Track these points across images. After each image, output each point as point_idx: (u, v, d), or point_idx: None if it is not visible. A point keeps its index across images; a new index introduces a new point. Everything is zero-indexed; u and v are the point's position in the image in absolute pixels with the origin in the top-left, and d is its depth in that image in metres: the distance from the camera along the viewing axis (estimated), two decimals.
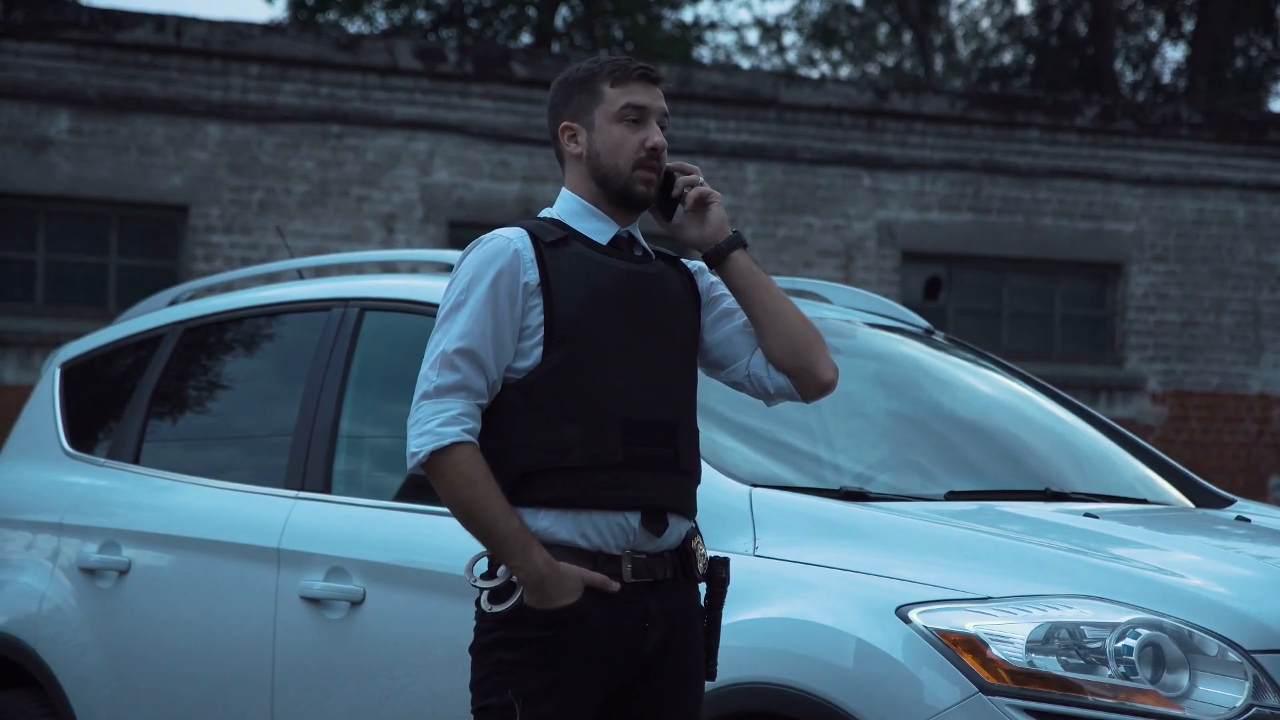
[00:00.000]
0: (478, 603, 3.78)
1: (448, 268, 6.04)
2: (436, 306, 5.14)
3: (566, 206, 3.91)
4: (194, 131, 14.62)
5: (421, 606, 4.94)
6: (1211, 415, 17.52)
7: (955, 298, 16.91)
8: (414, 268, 10.71)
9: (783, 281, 6.14)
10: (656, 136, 3.86)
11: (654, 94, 3.89)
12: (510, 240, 3.79)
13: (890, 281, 16.30)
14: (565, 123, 3.90)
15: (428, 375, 3.75)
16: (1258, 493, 16.97)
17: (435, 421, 3.69)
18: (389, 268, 10.83)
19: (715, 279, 3.99)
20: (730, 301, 3.98)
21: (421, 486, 5.16)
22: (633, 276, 3.86)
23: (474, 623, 3.81)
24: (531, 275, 3.76)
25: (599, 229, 3.88)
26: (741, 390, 4.01)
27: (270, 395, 5.85)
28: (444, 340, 3.75)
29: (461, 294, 3.77)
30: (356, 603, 5.07)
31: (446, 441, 3.67)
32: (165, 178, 14.55)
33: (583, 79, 3.90)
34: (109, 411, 6.23)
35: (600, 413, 3.74)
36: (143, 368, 6.13)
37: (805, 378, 3.92)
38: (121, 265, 14.64)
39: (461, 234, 15.12)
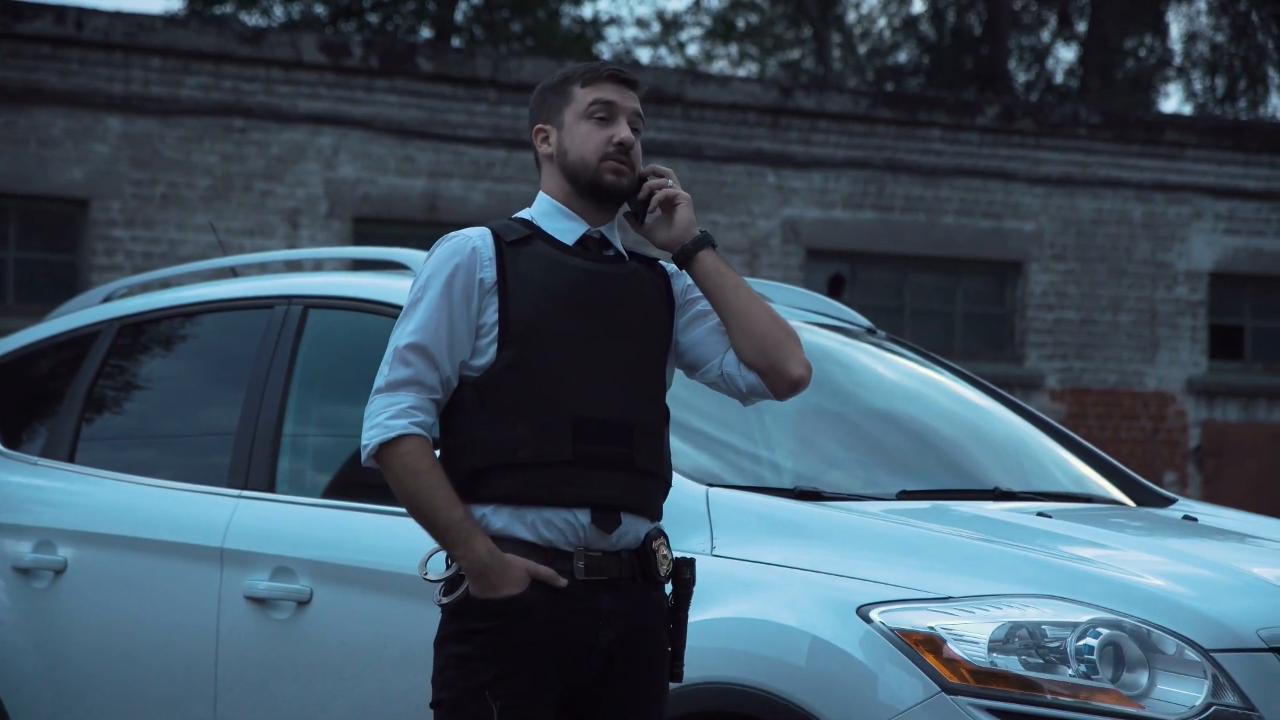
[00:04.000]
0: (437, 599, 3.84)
1: (383, 265, 5.99)
2: (381, 304, 5.21)
3: (539, 208, 3.96)
4: (95, 124, 14.43)
5: (370, 606, 4.89)
6: (1108, 412, 17.71)
7: (858, 295, 16.98)
8: (317, 264, 10.62)
9: None
10: (625, 132, 3.90)
11: (625, 94, 3.95)
12: (470, 238, 3.84)
13: (794, 279, 16.34)
14: (538, 125, 3.96)
15: (381, 370, 3.80)
16: None
17: (385, 415, 3.75)
18: (294, 265, 10.73)
19: (691, 281, 3.99)
20: (705, 304, 3.99)
21: (368, 485, 5.12)
22: (593, 276, 3.87)
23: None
24: (489, 273, 3.80)
25: (568, 229, 3.91)
26: (718, 390, 4.02)
27: (211, 393, 5.77)
28: (398, 336, 3.81)
29: (419, 291, 3.83)
30: (303, 603, 5.02)
31: (393, 434, 3.73)
32: (65, 171, 14.36)
33: (557, 83, 3.98)
34: (42, 409, 6.12)
35: (551, 410, 3.77)
36: (77, 365, 6.02)
37: (775, 376, 3.95)
38: (20, 259, 14.44)
39: (366, 229, 15.03)
